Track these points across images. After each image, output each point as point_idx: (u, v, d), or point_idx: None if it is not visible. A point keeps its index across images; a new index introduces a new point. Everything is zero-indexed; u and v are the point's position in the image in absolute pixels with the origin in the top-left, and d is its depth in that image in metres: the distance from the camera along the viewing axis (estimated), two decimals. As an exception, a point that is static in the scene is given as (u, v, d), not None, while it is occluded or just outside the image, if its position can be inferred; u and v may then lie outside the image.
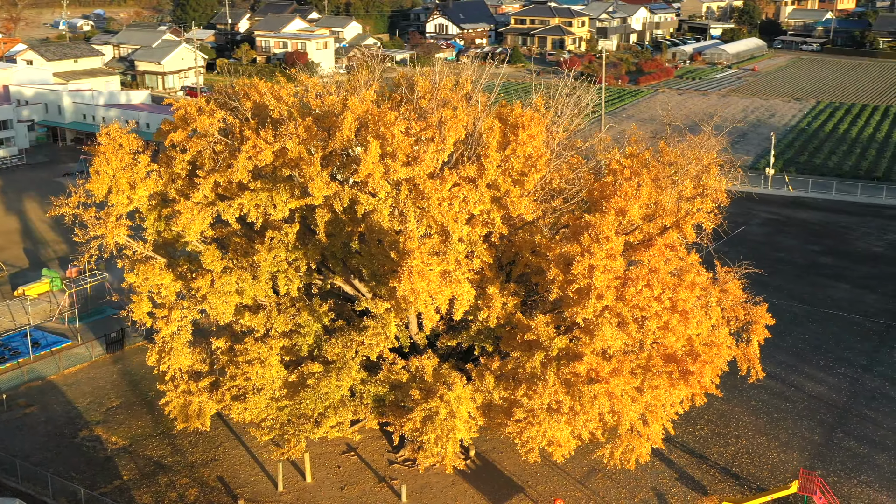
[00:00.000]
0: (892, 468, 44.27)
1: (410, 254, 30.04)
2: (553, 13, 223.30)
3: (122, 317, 42.84)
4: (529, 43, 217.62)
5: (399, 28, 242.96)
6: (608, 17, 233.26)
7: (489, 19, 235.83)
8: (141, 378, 53.28)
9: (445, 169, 30.92)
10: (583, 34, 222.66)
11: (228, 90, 40.25)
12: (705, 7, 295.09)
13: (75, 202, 39.68)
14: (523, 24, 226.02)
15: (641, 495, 42.08)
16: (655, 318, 32.97)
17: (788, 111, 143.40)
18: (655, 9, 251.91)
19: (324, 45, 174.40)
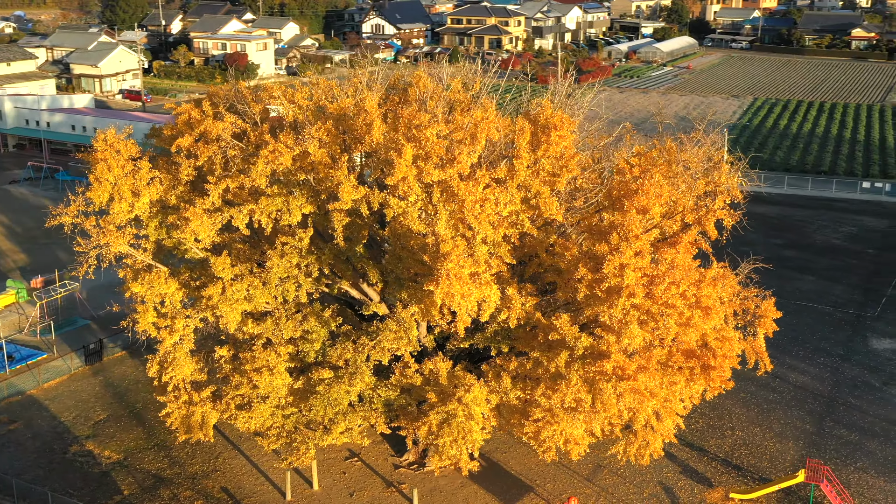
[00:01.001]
0: (884, 454, 45.58)
1: (447, 257, 29.86)
2: (489, 13, 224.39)
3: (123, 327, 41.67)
4: (467, 43, 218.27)
5: (334, 28, 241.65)
6: (543, 16, 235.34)
7: (425, 19, 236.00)
8: (125, 390, 51.99)
9: (477, 170, 30.80)
10: (519, 34, 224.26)
11: (230, 95, 39.52)
12: (634, 6, 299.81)
13: (74, 211, 38.58)
14: (459, 23, 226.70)
15: (649, 490, 42.57)
16: (678, 314, 33.37)
17: (728, 108, 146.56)
18: (588, 8, 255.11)
19: (263, 46, 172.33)
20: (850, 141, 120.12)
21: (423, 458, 44.80)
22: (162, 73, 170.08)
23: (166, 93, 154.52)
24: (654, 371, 33.80)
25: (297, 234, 36.42)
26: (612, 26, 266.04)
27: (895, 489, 42.58)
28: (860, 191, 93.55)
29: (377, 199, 31.13)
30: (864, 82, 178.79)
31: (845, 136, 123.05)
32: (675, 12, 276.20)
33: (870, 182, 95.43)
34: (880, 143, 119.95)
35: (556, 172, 32.15)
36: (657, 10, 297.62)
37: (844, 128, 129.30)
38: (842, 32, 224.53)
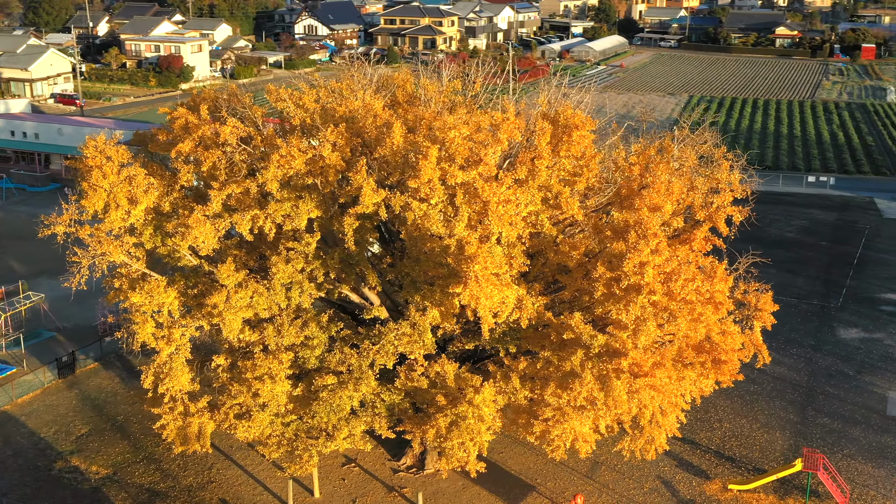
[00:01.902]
0: (868, 440, 46.90)
1: (474, 259, 29.73)
2: (422, 13, 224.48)
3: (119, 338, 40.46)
4: (401, 43, 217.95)
5: (265, 30, 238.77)
6: (476, 16, 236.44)
7: (358, 20, 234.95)
8: (103, 402, 50.58)
9: (500, 171, 30.72)
10: (453, 34, 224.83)
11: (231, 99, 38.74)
12: (563, 6, 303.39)
13: (67, 220, 37.38)
14: (393, 24, 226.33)
15: (649, 484, 43.06)
16: (690, 309, 33.81)
17: (667, 105, 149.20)
18: (519, 8, 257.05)
19: (198, 48, 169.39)
20: (788, 136, 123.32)
21: (421, 461, 44.58)
22: (93, 76, 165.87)
23: (100, 97, 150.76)
24: (671, 367, 34.19)
25: (304, 239, 35.88)
26: (542, 26, 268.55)
27: (883, 474, 43.83)
28: (806, 185, 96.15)
29: (399, 202, 30.82)
30: (792, 79, 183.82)
31: (783, 132, 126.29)
32: (602, 11, 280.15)
33: (815, 176, 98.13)
34: (817, 138, 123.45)
35: (577, 172, 32.27)
36: (585, 9, 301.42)
37: (781, 123, 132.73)
38: (766, 31, 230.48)
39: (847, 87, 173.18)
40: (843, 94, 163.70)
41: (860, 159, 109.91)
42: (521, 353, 38.20)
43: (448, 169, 30.10)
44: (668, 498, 42.07)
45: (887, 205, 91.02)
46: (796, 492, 42.18)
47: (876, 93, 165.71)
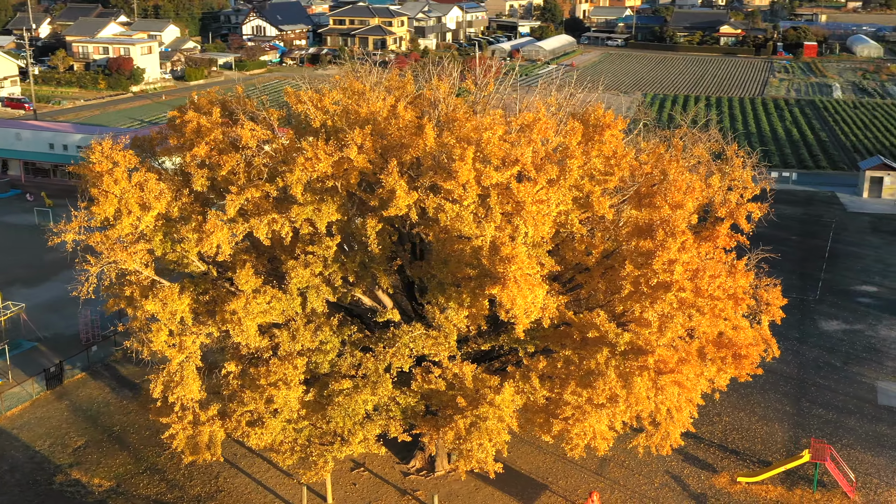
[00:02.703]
0: (864, 430, 47.95)
1: (512, 260, 29.68)
2: (372, 13, 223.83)
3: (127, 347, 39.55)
4: (350, 43, 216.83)
5: (211, 31, 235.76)
6: (424, 16, 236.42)
7: (306, 20, 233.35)
8: (96, 413, 49.44)
9: (532, 171, 30.69)
10: (403, 34, 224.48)
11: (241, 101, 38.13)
12: (508, 5, 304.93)
13: (76, 227, 36.45)
14: (342, 24, 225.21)
15: (659, 479, 43.47)
16: (713, 306, 34.19)
17: (622, 104, 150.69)
18: (467, 7, 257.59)
19: (148, 49, 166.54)
20: (744, 133, 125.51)
21: (431, 463, 44.41)
22: (40, 79, 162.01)
23: (49, 100, 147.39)
24: (695, 362, 34.55)
25: (325, 243, 35.48)
26: (489, 25, 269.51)
27: (883, 462, 44.83)
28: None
29: (433, 203, 30.62)
30: (740, 76, 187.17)
31: (739, 129, 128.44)
32: (548, 11, 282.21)
33: (777, 172, 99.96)
34: (772, 134, 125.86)
35: (608, 171, 32.42)
36: (530, 8, 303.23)
37: (735, 121, 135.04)
38: (711, 29, 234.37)
39: (794, 84, 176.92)
40: (791, 92, 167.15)
41: (817, 155, 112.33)
42: (540, 353, 38.26)
43: (483, 170, 29.99)
44: (679, 492, 42.50)
45: (849, 199, 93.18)
46: (803, 482, 42.91)
47: (822, 89, 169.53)
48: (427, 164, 31.28)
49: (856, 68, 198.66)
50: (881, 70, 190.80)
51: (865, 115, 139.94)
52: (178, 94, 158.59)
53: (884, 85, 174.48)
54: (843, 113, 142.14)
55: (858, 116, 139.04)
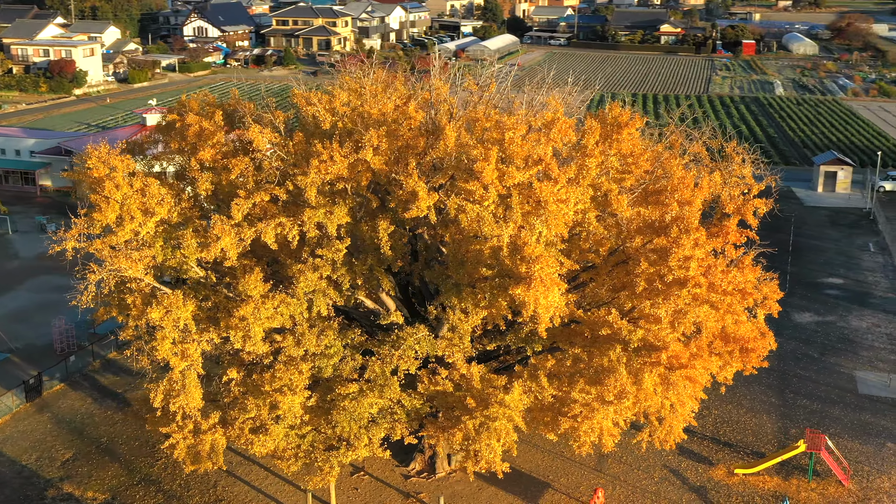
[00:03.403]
0: (849, 419, 49.08)
1: (538, 260, 29.69)
2: (316, 13, 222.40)
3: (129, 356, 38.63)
4: (294, 44, 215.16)
5: (150, 32, 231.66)
6: (368, 16, 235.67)
7: (249, 21, 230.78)
8: (81, 424, 48.22)
9: (555, 170, 30.73)
10: (347, 34, 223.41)
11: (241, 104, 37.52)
12: (449, 5, 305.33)
13: (76, 234, 35.52)
14: (286, 25, 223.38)
15: (658, 473, 43.93)
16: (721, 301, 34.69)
17: (574, 102, 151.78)
18: (409, 7, 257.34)
19: (90, 52, 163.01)
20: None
21: (431, 465, 44.26)
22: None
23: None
24: (707, 357, 34.99)
25: (335, 246, 35.10)
26: (432, 25, 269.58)
27: (871, 450, 45.94)
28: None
29: (454, 204, 30.49)
30: (684, 74, 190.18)
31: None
32: (489, 11, 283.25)
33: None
34: (721, 130, 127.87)
35: (626, 169, 32.64)
36: (471, 8, 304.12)
37: (685, 117, 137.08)
38: (651, 28, 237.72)
39: (736, 81, 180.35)
40: (734, 89, 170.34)
41: (769, 150, 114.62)
42: (547, 351, 38.39)
43: (506, 170, 29.97)
44: (679, 486, 43.02)
45: (805, 193, 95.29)
46: (797, 472, 43.75)
47: (764, 87, 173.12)
48: (448, 165, 31.14)
49: (794, 65, 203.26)
50: (818, 67, 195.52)
51: (810, 112, 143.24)
52: (123, 96, 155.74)
53: (822, 82, 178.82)
54: (788, 109, 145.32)
55: (803, 112, 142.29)
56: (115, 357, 56.19)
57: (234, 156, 35.19)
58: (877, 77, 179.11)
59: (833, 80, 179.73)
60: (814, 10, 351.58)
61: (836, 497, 41.92)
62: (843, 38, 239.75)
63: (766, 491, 42.51)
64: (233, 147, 36.14)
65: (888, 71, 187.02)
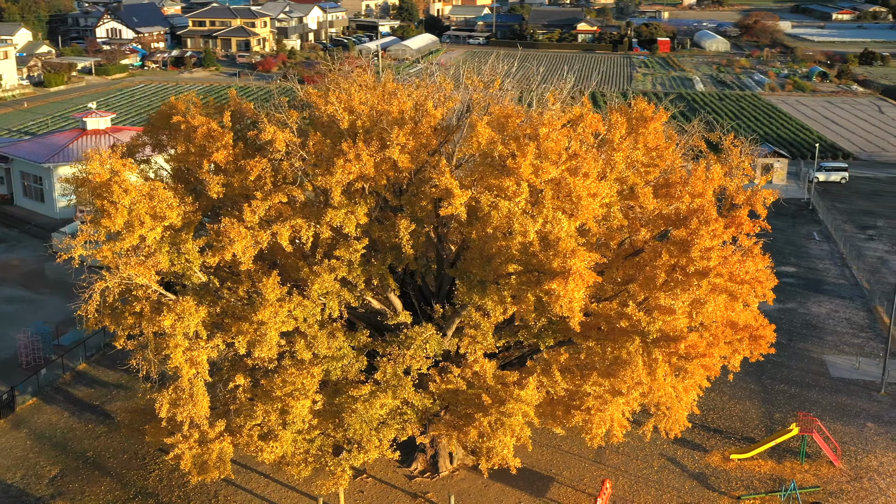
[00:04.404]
0: (827, 401, 50.73)
1: (575, 254, 29.87)
2: (234, 14, 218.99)
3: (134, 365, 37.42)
4: (213, 45, 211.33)
5: (60, 34, 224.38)
6: (286, 16, 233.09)
7: (163, 22, 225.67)
8: (63, 439, 46.52)
9: (591, 164, 30.93)
10: (266, 34, 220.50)
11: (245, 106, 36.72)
12: (364, 5, 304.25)
13: (83, 241, 34.29)
14: (203, 26, 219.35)
15: (657, 462, 44.67)
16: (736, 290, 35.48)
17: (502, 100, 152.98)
18: (327, 7, 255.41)
19: (4, 54, 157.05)
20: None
21: (434, 465, 44.10)
22: None
23: None
24: (722, 345, 35.73)
25: (352, 246, 34.68)
26: (349, 25, 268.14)
27: (853, 430, 47.58)
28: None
29: (487, 200, 30.44)
30: (605, 72, 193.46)
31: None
32: (405, 10, 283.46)
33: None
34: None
35: (652, 163, 33.06)
36: (386, 8, 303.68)
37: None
38: (569, 27, 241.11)
39: (657, 78, 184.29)
40: (656, 85, 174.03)
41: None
42: (559, 345, 38.65)
43: (540, 165, 30.08)
44: (679, 473, 43.81)
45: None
46: (789, 455, 45.01)
47: (684, 83, 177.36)
48: (479, 162, 31.07)
49: (709, 62, 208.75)
50: (733, 64, 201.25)
51: (733, 107, 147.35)
52: (42, 100, 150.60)
53: (739, 77, 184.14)
54: (712, 105, 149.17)
55: (726, 107, 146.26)
56: (85, 369, 54.38)
57: (251, 157, 34.46)
58: (789, 73, 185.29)
59: (749, 75, 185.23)
60: (717, 9, 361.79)
61: (831, 477, 43.30)
62: (751, 36, 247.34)
63: (763, 475, 43.64)
64: (242, 148, 35.39)
65: (798, 66, 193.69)
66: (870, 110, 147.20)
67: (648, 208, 33.37)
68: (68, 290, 65.42)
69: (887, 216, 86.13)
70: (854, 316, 62.96)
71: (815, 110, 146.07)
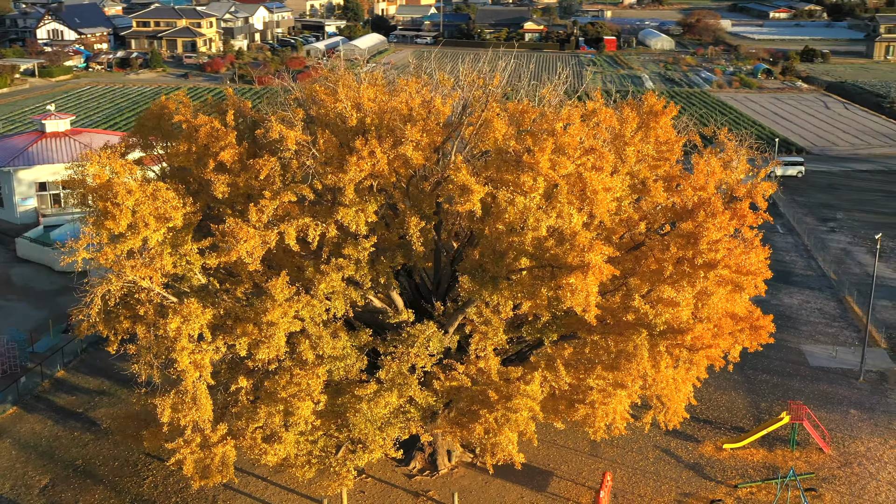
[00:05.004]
0: (809, 389, 51.80)
1: (592, 248, 30.06)
2: (179, 14, 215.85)
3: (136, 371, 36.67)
4: (158, 46, 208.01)
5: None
6: (232, 17, 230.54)
7: (106, 23, 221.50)
8: (49, 448, 45.47)
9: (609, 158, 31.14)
10: (212, 35, 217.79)
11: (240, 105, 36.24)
12: (309, 5, 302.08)
13: (86, 244, 33.55)
14: (147, 26, 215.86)
15: (652, 454, 45.18)
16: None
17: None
18: (273, 7, 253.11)
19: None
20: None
21: (432, 463, 44.02)
22: None
23: None
24: (727, 336, 36.27)
25: (361, 245, 34.48)
26: (295, 25, 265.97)
27: (838, 417, 48.66)
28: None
29: (504, 196, 30.47)
30: (556, 70, 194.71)
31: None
32: (350, 10, 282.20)
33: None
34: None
35: (662, 157, 33.38)
36: (331, 8, 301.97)
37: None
38: (516, 26, 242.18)
39: (607, 76, 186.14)
40: (606, 83, 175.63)
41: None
42: (562, 340, 38.85)
43: (557, 160, 30.22)
44: (675, 464, 44.37)
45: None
46: (779, 443, 45.85)
47: (634, 81, 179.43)
48: (494, 157, 31.10)
49: (656, 60, 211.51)
50: (679, 62, 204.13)
51: (683, 103, 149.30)
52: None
53: (687, 75, 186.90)
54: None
55: (678, 105, 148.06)
56: (63, 376, 53.19)
57: (255, 156, 34.05)
58: (735, 70, 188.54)
59: (696, 73, 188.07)
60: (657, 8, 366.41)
61: (822, 463, 44.22)
62: (694, 34, 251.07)
63: (756, 463, 44.40)
64: (247, 147, 34.93)
65: (743, 64, 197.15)
66: (816, 106, 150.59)
67: (659, 202, 33.68)
68: (36, 297, 64.16)
69: (845, 209, 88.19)
70: (825, 306, 64.37)
71: (764, 106, 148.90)
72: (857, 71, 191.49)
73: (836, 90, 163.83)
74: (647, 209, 35.25)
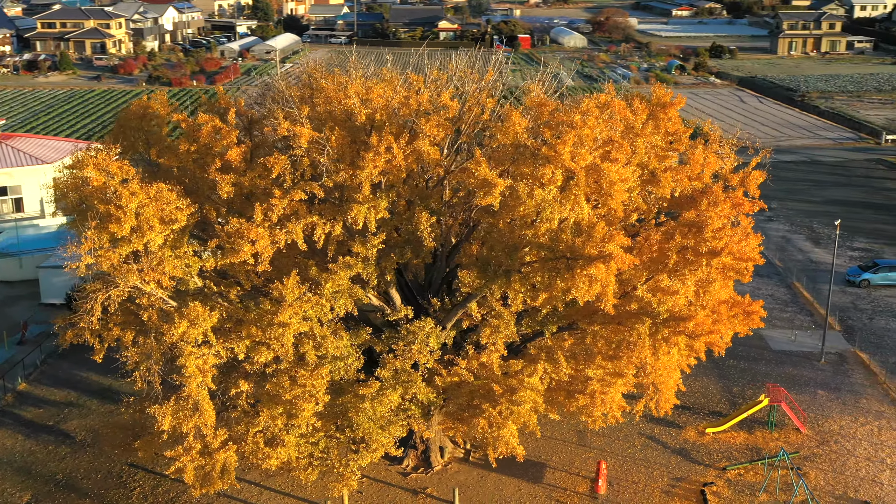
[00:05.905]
0: (776, 372, 53.48)
1: (613, 238, 30.45)
2: (86, 15, 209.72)
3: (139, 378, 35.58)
4: (65, 48, 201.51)
5: None
6: (141, 17, 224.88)
7: (9, 24, 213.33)
8: (25, 463, 43.77)
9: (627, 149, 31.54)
10: (121, 36, 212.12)
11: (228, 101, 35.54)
12: (217, 5, 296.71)
13: (89, 248, 32.41)
14: (53, 28, 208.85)
15: (639, 441, 46.00)
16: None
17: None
18: (182, 7, 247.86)
19: None
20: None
21: (426, 460, 43.90)
22: None
23: None
24: (726, 321, 37.20)
25: (370, 242, 34.20)
26: (205, 26, 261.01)
27: (807, 398, 50.38)
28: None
29: (524, 189, 30.62)
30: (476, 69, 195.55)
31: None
32: (260, 10, 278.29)
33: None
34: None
35: (670, 147, 33.97)
36: (240, 8, 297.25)
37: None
38: (430, 25, 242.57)
39: (525, 74, 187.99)
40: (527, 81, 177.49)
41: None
42: (562, 331, 39.20)
43: (576, 152, 30.52)
44: (662, 450, 45.26)
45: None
46: (758, 425, 47.19)
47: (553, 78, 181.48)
48: (514, 151, 31.22)
49: (571, 58, 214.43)
50: (594, 59, 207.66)
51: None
52: None
53: (602, 72, 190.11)
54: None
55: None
56: (26, 389, 51.23)
57: (258, 155, 33.44)
58: (649, 66, 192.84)
59: (612, 69, 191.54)
60: (563, 6, 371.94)
61: (801, 443, 45.71)
62: (604, 32, 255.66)
63: (739, 445, 45.63)
64: (250, 146, 34.28)
65: (656, 60, 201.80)
66: (732, 100, 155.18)
67: (666, 192, 34.33)
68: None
69: (779, 198, 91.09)
70: (776, 292, 66.47)
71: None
72: (765, 66, 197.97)
73: (747, 85, 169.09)
74: (654, 199, 35.87)
